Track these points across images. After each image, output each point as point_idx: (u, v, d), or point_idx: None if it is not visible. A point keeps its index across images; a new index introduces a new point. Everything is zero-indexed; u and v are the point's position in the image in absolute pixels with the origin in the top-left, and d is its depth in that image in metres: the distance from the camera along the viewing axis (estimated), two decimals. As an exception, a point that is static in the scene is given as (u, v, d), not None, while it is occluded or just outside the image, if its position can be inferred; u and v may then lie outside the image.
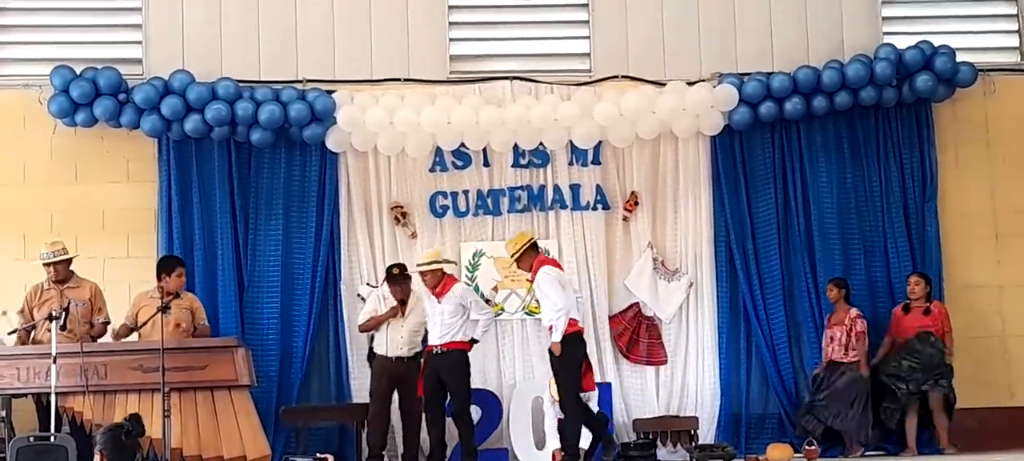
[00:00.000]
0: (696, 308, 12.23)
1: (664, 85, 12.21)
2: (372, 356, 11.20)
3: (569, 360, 10.27)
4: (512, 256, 10.67)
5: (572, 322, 10.28)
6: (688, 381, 12.16)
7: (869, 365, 11.59)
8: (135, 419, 6.47)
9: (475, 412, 11.54)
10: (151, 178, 12.06)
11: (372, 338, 11.21)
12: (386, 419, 11.01)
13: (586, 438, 10.58)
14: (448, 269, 11.01)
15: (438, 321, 10.70)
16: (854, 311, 11.69)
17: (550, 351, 10.32)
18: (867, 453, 11.58)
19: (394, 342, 10.98)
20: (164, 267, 10.86)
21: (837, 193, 12.34)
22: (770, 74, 12.20)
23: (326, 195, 12.09)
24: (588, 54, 12.63)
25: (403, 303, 11.02)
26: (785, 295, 12.25)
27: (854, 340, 11.57)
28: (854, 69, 12.07)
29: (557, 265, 10.76)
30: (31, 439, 9.38)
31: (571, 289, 10.66)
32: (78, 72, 11.74)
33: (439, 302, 10.70)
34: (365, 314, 11.29)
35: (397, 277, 11.00)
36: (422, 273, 10.81)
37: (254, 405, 10.44)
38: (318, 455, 10.87)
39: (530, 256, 10.55)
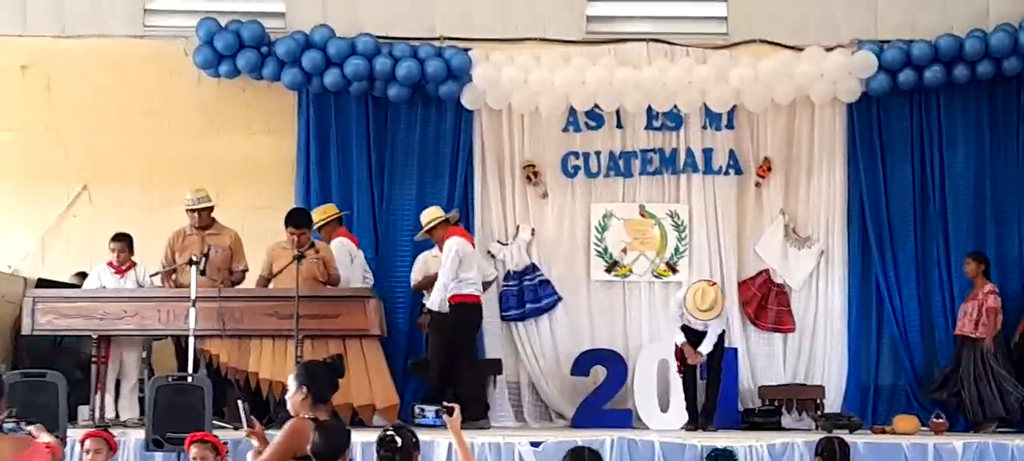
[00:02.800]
0: (826, 277, 12.12)
1: (801, 50, 12.04)
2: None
3: None
4: (316, 222, 11.06)
5: None
6: (816, 350, 12.07)
7: (998, 342, 11.35)
8: (339, 358, 6.65)
9: (601, 371, 11.65)
10: (290, 131, 12.31)
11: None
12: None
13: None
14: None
15: None
16: (989, 286, 11.45)
17: None
18: (999, 430, 11.36)
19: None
20: (286, 220, 10.94)
21: (974, 165, 12.09)
22: (911, 41, 11.96)
23: (460, 152, 12.22)
24: (725, 18, 12.54)
25: None
26: (918, 269, 12.07)
27: (985, 315, 11.34)
28: (998, 38, 11.78)
29: (353, 240, 11.14)
30: (170, 379, 9.70)
31: (361, 264, 11.14)
32: (223, 24, 11.98)
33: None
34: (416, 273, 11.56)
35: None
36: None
37: (384, 356, 10.65)
38: (445, 403, 10.97)
39: (332, 227, 11.14)
